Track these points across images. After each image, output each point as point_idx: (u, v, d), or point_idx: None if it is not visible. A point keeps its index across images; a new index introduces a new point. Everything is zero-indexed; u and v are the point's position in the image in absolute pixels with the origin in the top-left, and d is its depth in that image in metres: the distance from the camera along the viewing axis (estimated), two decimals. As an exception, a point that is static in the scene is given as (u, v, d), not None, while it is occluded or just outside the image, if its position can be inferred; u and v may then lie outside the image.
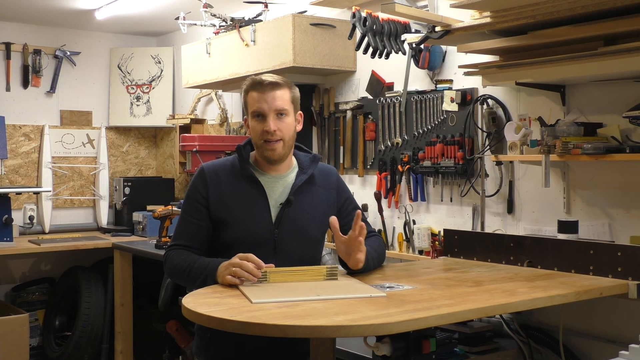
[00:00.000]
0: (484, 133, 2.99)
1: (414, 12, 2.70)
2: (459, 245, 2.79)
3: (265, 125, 2.16)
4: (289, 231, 2.21)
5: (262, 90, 2.17)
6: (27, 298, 4.93)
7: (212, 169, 2.26)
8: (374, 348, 1.98)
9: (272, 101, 2.17)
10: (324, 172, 2.35)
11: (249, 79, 2.24)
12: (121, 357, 4.51)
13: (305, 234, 2.24)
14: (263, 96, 2.17)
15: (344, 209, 2.34)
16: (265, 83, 2.18)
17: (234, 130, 4.70)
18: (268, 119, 2.16)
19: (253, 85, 2.20)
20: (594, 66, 2.33)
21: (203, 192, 2.22)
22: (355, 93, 3.74)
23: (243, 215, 2.18)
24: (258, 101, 2.17)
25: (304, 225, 2.23)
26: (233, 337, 1.81)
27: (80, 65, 5.34)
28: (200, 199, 2.22)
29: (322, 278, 2.10)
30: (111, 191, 5.35)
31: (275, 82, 2.19)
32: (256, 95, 2.18)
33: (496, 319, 2.61)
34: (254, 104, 2.18)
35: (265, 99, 2.17)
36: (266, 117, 2.17)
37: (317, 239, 2.29)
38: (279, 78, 2.22)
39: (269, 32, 3.65)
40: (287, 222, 2.21)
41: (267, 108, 2.17)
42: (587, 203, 2.66)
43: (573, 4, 2.23)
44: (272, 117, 2.17)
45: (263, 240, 2.18)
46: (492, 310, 1.97)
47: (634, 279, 2.19)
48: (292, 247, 2.21)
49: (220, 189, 2.21)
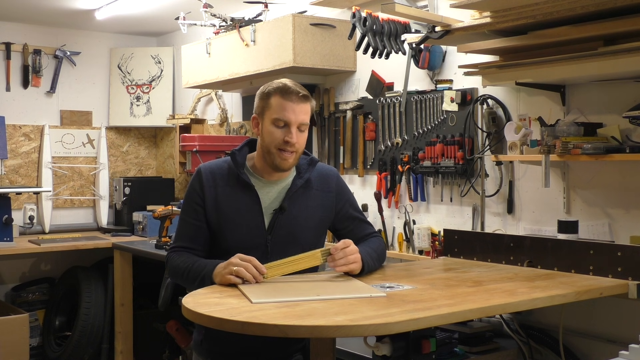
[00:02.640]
0: (484, 133, 2.99)
1: (414, 12, 2.70)
2: (459, 245, 2.79)
3: (287, 136, 2.12)
4: (282, 237, 2.20)
5: (291, 100, 2.13)
6: (27, 298, 4.93)
7: (209, 170, 2.24)
8: (374, 348, 1.98)
9: (299, 114, 2.14)
10: (323, 175, 2.32)
11: (278, 82, 2.17)
12: (121, 357, 4.52)
13: (298, 240, 2.22)
14: (292, 106, 2.12)
15: (343, 212, 2.33)
16: (299, 94, 2.13)
17: (234, 130, 4.70)
18: (291, 129, 2.13)
19: (282, 91, 2.13)
20: (594, 66, 2.33)
21: (200, 193, 2.22)
22: (355, 93, 3.74)
23: (236, 221, 2.18)
24: (286, 110, 2.12)
25: (297, 231, 2.22)
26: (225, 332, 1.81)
27: (80, 65, 5.35)
28: (198, 200, 2.22)
29: (320, 261, 2.11)
30: (111, 191, 5.35)
31: (306, 95, 2.15)
32: (283, 103, 2.12)
33: (496, 319, 2.61)
34: (280, 111, 2.12)
35: (294, 109, 2.12)
36: (289, 128, 2.13)
37: (312, 243, 2.26)
38: (305, 90, 2.18)
39: (269, 32, 3.65)
40: (280, 228, 2.20)
41: (293, 119, 2.13)
42: (587, 203, 2.66)
43: (573, 4, 2.23)
44: (295, 129, 2.14)
45: (255, 246, 2.17)
46: (492, 310, 1.97)
47: (634, 279, 2.19)
48: (285, 254, 2.18)
49: (215, 192, 2.21)
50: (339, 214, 2.32)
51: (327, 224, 2.32)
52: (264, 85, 2.20)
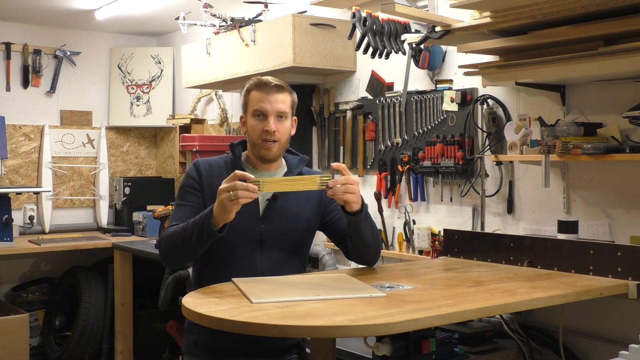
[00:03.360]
0: (484, 133, 2.99)
1: (414, 12, 2.70)
2: (459, 245, 2.79)
3: (265, 125, 2.23)
4: (275, 227, 2.25)
5: (266, 91, 2.24)
6: (27, 298, 4.93)
7: (207, 163, 2.33)
8: (374, 348, 1.99)
9: (275, 103, 2.23)
10: (311, 174, 2.38)
11: (254, 78, 2.29)
12: (121, 357, 4.52)
13: (291, 231, 2.28)
14: (267, 97, 2.23)
15: (332, 207, 2.36)
16: (271, 85, 2.24)
17: (234, 130, 4.70)
18: (269, 119, 2.23)
19: (257, 85, 2.26)
20: (594, 66, 2.33)
21: (198, 180, 2.28)
22: (355, 93, 3.74)
23: None
24: (261, 101, 2.23)
25: (289, 222, 2.27)
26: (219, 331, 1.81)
27: (80, 65, 5.35)
28: (195, 185, 2.27)
29: (317, 187, 2.08)
30: (111, 191, 5.35)
31: (279, 85, 2.26)
32: (259, 96, 2.24)
33: (496, 319, 2.61)
34: (257, 103, 2.24)
35: (269, 99, 2.23)
36: (267, 117, 2.23)
37: (303, 239, 2.33)
38: (282, 82, 2.29)
39: (269, 32, 3.65)
40: (273, 217, 2.26)
41: (270, 109, 2.23)
42: (587, 203, 2.66)
43: (573, 4, 2.23)
44: (273, 118, 2.23)
45: (250, 235, 2.23)
46: (492, 310, 1.97)
47: (634, 279, 2.19)
48: (278, 244, 2.26)
49: (212, 182, 2.25)
50: (327, 208, 2.37)
51: (317, 219, 2.36)
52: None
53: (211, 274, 2.22)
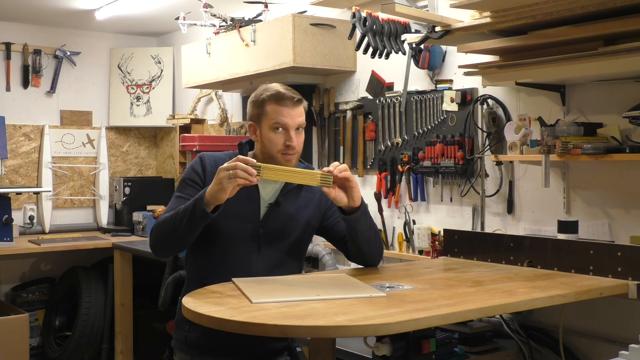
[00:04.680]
0: (484, 133, 2.99)
1: (414, 12, 2.70)
2: (459, 245, 2.79)
3: (287, 139, 2.20)
4: (274, 230, 2.25)
5: (288, 105, 2.20)
6: (27, 298, 4.93)
7: (212, 158, 2.30)
8: (374, 348, 1.98)
9: (295, 117, 2.22)
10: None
11: (269, 89, 2.23)
12: (121, 357, 4.52)
13: (289, 235, 2.27)
14: (288, 111, 2.20)
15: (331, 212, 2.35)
16: (294, 99, 2.21)
17: (234, 130, 4.70)
18: (290, 133, 2.21)
19: (278, 98, 2.20)
20: (594, 66, 2.33)
21: (201, 174, 2.26)
22: (355, 93, 3.74)
23: (233, 208, 2.19)
24: (282, 114, 2.19)
25: (288, 226, 2.27)
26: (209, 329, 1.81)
27: (80, 65, 5.34)
28: (197, 179, 2.25)
29: (317, 182, 2.08)
30: (111, 191, 5.35)
31: (300, 99, 2.24)
32: (279, 109, 2.20)
33: (496, 319, 2.61)
34: (277, 116, 2.20)
35: (290, 114, 2.20)
36: (288, 131, 2.21)
37: (301, 242, 2.32)
38: (296, 93, 2.26)
39: (269, 32, 3.65)
40: (273, 221, 2.25)
41: (291, 123, 2.21)
42: (587, 203, 2.66)
43: (573, 4, 2.23)
44: (294, 132, 2.22)
45: (248, 237, 2.22)
46: (492, 310, 1.97)
47: (634, 279, 2.19)
48: (274, 247, 2.25)
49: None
50: (326, 213, 2.36)
51: (315, 224, 2.35)
52: (255, 93, 2.27)
53: (206, 273, 2.22)
